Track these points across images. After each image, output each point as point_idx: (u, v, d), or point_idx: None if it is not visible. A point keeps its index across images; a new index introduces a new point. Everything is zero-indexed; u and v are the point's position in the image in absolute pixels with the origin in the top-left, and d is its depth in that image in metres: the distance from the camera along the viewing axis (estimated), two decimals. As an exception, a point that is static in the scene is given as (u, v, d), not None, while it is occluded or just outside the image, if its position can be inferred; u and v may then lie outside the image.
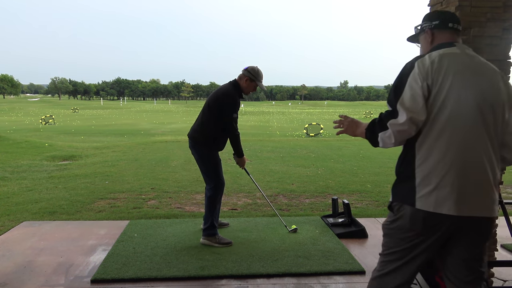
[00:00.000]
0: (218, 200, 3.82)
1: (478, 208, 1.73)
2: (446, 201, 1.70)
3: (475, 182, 1.72)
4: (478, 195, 1.73)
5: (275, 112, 55.92)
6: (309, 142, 13.01)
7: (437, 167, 1.72)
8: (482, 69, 1.81)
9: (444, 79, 1.73)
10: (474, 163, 1.72)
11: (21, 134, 16.34)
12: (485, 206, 1.74)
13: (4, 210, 4.90)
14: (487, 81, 1.78)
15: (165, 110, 57.53)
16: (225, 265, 3.31)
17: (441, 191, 1.70)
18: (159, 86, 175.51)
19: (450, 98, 1.71)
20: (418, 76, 1.74)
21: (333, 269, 3.27)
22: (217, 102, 3.68)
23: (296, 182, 6.62)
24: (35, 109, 57.87)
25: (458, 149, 1.71)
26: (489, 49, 2.83)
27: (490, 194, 1.74)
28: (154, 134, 18.46)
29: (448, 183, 1.70)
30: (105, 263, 3.32)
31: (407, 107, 1.72)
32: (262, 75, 3.85)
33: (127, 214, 4.78)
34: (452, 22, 1.93)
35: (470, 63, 1.80)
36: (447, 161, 1.71)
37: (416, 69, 1.75)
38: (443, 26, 1.93)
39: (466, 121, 1.72)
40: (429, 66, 1.75)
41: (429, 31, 1.96)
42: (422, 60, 1.78)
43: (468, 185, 1.71)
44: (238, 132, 3.75)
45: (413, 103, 1.72)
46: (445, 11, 2.06)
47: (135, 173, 7.21)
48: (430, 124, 1.74)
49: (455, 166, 1.70)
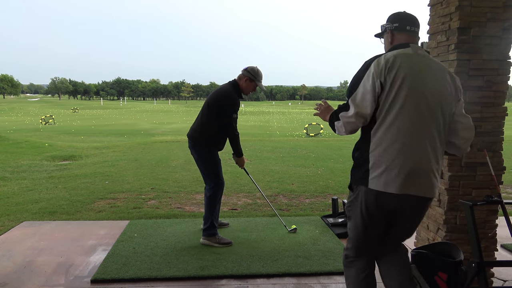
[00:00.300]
0: (218, 200, 3.82)
1: (421, 189, 2.01)
2: (393, 182, 1.97)
3: (419, 167, 1.99)
4: (421, 178, 2.00)
5: (275, 112, 55.92)
6: (309, 142, 13.01)
7: (387, 152, 1.98)
8: (431, 68, 2.06)
9: (396, 77, 1.97)
10: (420, 150, 1.99)
11: (21, 134, 16.34)
12: (427, 188, 2.02)
13: (4, 210, 4.90)
14: (435, 78, 2.04)
15: (165, 110, 57.53)
16: (225, 265, 3.31)
17: (389, 173, 1.98)
18: (159, 86, 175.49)
19: (401, 93, 1.97)
20: (372, 75, 1.99)
21: (333, 269, 3.27)
22: (217, 102, 3.68)
23: (296, 182, 6.62)
24: (35, 109, 57.87)
25: (406, 138, 1.98)
26: (489, 49, 2.84)
27: (432, 178, 2.02)
28: (154, 134, 18.46)
29: (396, 167, 1.97)
30: (105, 263, 3.32)
31: (356, 103, 2.02)
32: (262, 75, 3.84)
33: (127, 214, 4.78)
34: (410, 26, 2.13)
35: (421, 62, 2.04)
36: (396, 148, 1.97)
37: (371, 68, 2.01)
38: (401, 29, 2.14)
39: (414, 114, 1.98)
40: (383, 66, 1.99)
41: (390, 32, 2.18)
42: (377, 60, 2.03)
43: (413, 169, 1.98)
44: (237, 132, 3.75)
45: (361, 100, 2.01)
46: (407, 14, 2.18)
47: (135, 173, 7.21)
48: (384, 116, 2.00)
49: (403, 152, 1.97)
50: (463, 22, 2.80)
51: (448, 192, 2.95)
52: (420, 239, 3.39)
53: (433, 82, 2.03)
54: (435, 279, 2.52)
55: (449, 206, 2.96)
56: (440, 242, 2.80)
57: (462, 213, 2.92)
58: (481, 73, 2.85)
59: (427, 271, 2.58)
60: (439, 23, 3.03)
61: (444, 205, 2.99)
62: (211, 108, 3.70)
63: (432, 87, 2.01)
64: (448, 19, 2.91)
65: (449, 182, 2.93)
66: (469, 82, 2.85)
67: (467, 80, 2.85)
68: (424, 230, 3.31)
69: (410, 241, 3.82)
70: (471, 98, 2.86)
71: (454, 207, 2.96)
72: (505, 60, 2.87)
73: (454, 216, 2.98)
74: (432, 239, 3.17)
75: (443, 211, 3.00)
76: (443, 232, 3.01)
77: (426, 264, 2.60)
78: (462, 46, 2.83)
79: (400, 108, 1.97)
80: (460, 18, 2.79)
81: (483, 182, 2.94)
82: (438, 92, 2.03)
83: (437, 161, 2.05)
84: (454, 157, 2.90)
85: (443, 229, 3.01)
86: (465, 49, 2.83)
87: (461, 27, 2.80)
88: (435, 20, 3.09)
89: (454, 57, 2.85)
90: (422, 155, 1.99)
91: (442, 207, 3.02)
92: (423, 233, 3.33)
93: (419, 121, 1.99)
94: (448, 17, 2.91)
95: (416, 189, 1.99)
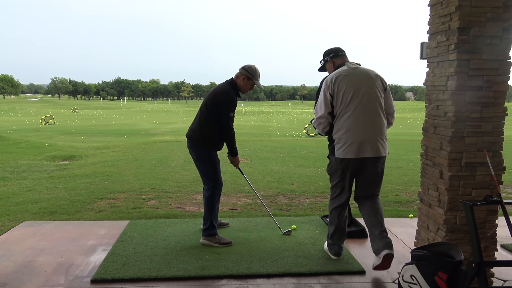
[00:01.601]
0: (216, 200, 3.82)
1: (371, 152, 3.12)
2: (350, 151, 3.12)
3: (367, 138, 3.10)
4: (370, 145, 3.11)
5: (275, 112, 55.91)
6: (309, 142, 13.01)
7: (344, 133, 3.13)
8: (363, 72, 3.22)
9: (339, 87, 3.14)
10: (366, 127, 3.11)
11: (21, 134, 16.34)
12: (376, 151, 3.12)
13: (4, 210, 4.90)
14: (367, 79, 3.19)
15: (165, 110, 57.53)
16: (225, 265, 3.31)
17: (347, 146, 3.12)
18: (159, 86, 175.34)
19: (346, 95, 3.12)
20: (325, 89, 3.19)
21: (333, 269, 3.27)
22: (214, 101, 3.67)
23: (296, 182, 6.62)
24: (35, 109, 57.87)
25: (355, 121, 3.10)
26: (489, 49, 2.84)
27: (377, 144, 3.13)
28: (154, 134, 18.46)
29: (350, 141, 3.11)
30: (105, 263, 3.32)
31: (317, 111, 3.28)
32: (259, 74, 3.83)
33: (127, 214, 4.78)
34: (340, 52, 3.41)
35: (355, 71, 3.22)
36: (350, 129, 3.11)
37: (324, 85, 3.22)
38: (336, 56, 3.40)
39: (359, 105, 3.10)
40: (330, 82, 3.18)
41: (330, 60, 3.42)
42: (326, 79, 3.24)
43: (362, 141, 3.09)
44: (233, 131, 3.74)
45: (319, 108, 3.25)
46: (335, 46, 3.43)
47: (135, 173, 7.21)
48: (339, 111, 3.16)
49: (354, 131, 3.10)
50: (463, 22, 2.80)
51: (448, 192, 2.95)
52: (420, 239, 3.39)
53: (367, 82, 3.17)
54: (435, 279, 2.52)
55: (449, 206, 2.96)
56: (440, 242, 2.80)
57: (462, 213, 2.92)
58: (481, 73, 2.85)
59: (427, 271, 2.58)
60: (439, 23, 3.03)
61: (444, 205, 2.99)
62: (209, 107, 3.69)
63: (366, 85, 3.15)
64: (448, 19, 2.91)
65: (449, 182, 2.93)
66: (469, 82, 2.85)
67: (467, 80, 2.85)
68: (424, 230, 3.31)
69: (410, 241, 3.82)
70: (471, 98, 2.86)
71: (454, 207, 2.96)
72: (505, 60, 2.87)
73: (454, 216, 2.97)
74: (432, 239, 3.17)
75: (443, 211, 3.00)
76: (443, 232, 3.01)
77: (426, 264, 2.61)
78: (462, 46, 2.82)
79: (348, 103, 3.11)
80: (460, 18, 2.79)
81: (483, 182, 2.94)
82: (371, 87, 3.16)
83: (381, 132, 3.16)
84: (454, 157, 2.91)
85: (443, 229, 3.01)
86: (465, 49, 2.83)
87: (461, 27, 2.80)
88: (435, 20, 3.09)
89: (454, 57, 2.85)
90: (368, 130, 3.11)
91: (442, 207, 3.02)
92: (423, 233, 3.33)
93: (363, 108, 3.11)
94: (448, 17, 2.91)
95: (368, 153, 3.11)
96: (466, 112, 2.87)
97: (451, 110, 2.89)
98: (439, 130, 3.05)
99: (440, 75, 3.04)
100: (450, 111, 2.91)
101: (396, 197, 5.73)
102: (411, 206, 5.27)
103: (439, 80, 3.06)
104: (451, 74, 2.89)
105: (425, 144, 3.28)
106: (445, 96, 2.96)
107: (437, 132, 3.09)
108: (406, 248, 3.76)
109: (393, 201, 5.50)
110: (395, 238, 4.05)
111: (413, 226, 3.88)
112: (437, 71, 3.10)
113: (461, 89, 2.85)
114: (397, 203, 5.44)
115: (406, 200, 5.56)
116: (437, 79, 3.10)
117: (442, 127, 3.01)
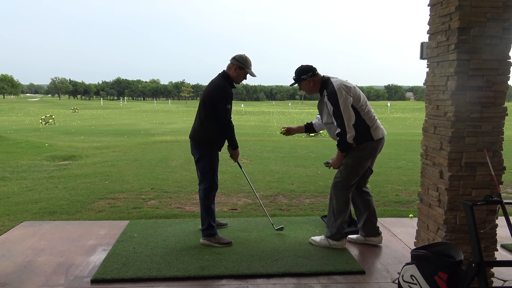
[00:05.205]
0: (212, 201, 3.82)
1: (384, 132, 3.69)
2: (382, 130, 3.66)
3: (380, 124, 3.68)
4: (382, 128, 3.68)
5: (275, 112, 55.92)
6: (309, 142, 13.01)
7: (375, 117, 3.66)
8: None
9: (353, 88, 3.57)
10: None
11: (21, 134, 16.33)
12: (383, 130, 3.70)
13: (4, 210, 4.90)
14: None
15: (165, 110, 57.54)
16: (225, 265, 3.31)
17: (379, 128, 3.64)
18: (159, 86, 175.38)
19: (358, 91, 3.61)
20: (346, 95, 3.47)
21: (333, 269, 3.27)
22: (211, 96, 3.67)
23: (296, 182, 6.62)
24: (35, 109, 57.87)
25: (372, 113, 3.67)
26: (489, 49, 2.84)
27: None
28: (154, 134, 18.46)
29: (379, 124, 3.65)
30: (105, 263, 3.33)
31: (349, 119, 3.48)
32: (251, 62, 3.80)
33: (127, 214, 4.78)
34: (315, 70, 3.68)
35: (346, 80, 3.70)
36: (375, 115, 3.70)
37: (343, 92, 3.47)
38: (314, 74, 3.67)
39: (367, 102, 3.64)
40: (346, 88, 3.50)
41: (310, 79, 3.67)
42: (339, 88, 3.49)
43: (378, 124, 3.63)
44: (232, 124, 3.74)
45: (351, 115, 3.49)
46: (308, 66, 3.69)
47: (135, 173, 7.21)
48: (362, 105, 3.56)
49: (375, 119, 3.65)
50: (463, 22, 2.80)
51: (448, 192, 2.95)
52: (420, 239, 3.39)
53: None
54: (435, 279, 2.52)
55: (449, 206, 2.96)
56: (440, 242, 2.80)
57: (462, 213, 2.92)
58: (481, 73, 2.85)
59: (427, 271, 2.58)
60: (439, 23, 3.03)
61: (444, 205, 2.99)
62: (206, 103, 3.69)
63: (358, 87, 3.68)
64: (448, 19, 2.91)
65: (449, 182, 2.93)
66: (469, 82, 2.85)
67: (467, 80, 2.85)
68: (424, 230, 3.31)
69: (410, 241, 3.82)
70: (471, 98, 2.86)
71: (454, 207, 2.96)
72: (505, 60, 2.87)
73: (454, 216, 2.97)
74: (432, 239, 3.17)
75: (443, 211, 3.00)
76: (443, 232, 3.01)
77: (426, 264, 2.60)
78: (462, 46, 2.82)
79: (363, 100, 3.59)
80: (460, 18, 2.79)
81: (483, 182, 2.94)
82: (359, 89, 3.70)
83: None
84: (454, 157, 2.91)
85: (443, 229, 3.01)
86: (465, 49, 2.83)
87: (461, 27, 2.80)
88: (435, 20, 3.09)
89: (454, 57, 2.85)
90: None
91: (442, 207, 3.02)
92: (423, 233, 3.33)
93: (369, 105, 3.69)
94: (448, 17, 2.91)
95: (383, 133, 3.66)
96: (466, 112, 2.87)
97: (451, 110, 2.90)
98: (439, 130, 3.05)
99: (440, 75, 3.04)
100: (450, 111, 2.91)
101: (396, 197, 5.73)
102: (411, 206, 5.27)
103: (439, 80, 3.07)
104: (451, 74, 2.89)
105: (425, 144, 3.28)
106: (445, 96, 2.96)
107: (437, 132, 3.09)
108: (406, 248, 3.76)
109: (393, 201, 5.50)
110: (395, 238, 4.05)
111: (413, 226, 3.88)
112: (437, 71, 3.10)
113: (461, 89, 2.86)
114: (397, 203, 5.44)
115: (406, 200, 5.56)
116: (437, 79, 3.10)
117: (442, 127, 3.01)
